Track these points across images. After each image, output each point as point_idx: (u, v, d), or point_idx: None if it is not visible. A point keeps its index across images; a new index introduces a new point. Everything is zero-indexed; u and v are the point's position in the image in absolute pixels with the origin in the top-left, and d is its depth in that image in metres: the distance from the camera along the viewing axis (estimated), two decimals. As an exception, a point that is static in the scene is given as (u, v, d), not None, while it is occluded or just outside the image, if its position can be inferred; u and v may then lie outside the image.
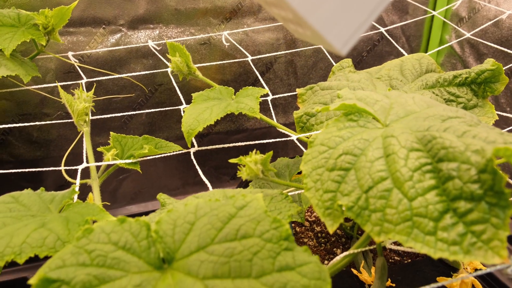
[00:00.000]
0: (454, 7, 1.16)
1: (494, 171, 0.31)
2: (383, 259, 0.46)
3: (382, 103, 0.46)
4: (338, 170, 0.39)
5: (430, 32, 1.28)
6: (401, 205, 0.34)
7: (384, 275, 0.46)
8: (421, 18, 1.26)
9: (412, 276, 0.77)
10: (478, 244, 0.31)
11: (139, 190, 1.23)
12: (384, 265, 0.46)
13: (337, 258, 0.45)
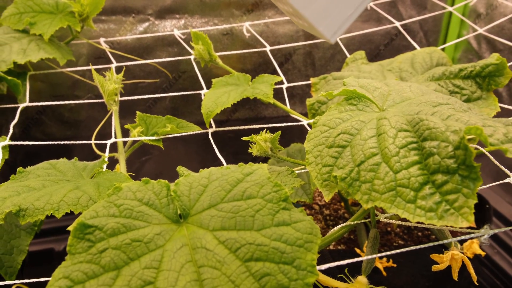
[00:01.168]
0: (471, 3, 1.18)
1: (466, 147, 0.36)
2: (376, 231, 0.51)
3: (381, 90, 0.50)
4: (336, 147, 0.44)
5: (448, 28, 1.30)
6: (387, 177, 0.39)
7: (376, 244, 0.50)
8: (439, 14, 1.29)
9: (414, 258, 0.81)
10: (451, 211, 0.36)
11: (160, 171, 1.30)
12: (376, 236, 0.51)
13: (335, 228, 0.51)
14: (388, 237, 0.88)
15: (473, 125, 0.39)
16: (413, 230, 0.90)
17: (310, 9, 0.31)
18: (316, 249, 0.35)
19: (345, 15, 0.32)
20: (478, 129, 0.35)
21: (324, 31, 0.31)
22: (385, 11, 1.25)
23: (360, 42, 1.28)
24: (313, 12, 0.31)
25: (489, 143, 0.35)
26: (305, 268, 0.33)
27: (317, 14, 0.31)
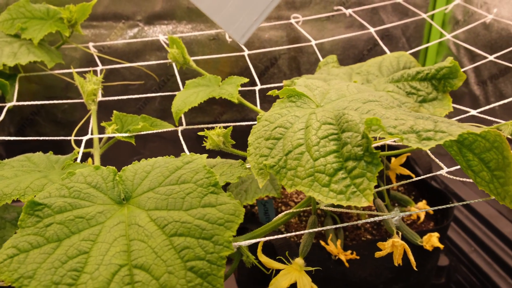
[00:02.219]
0: (449, 10, 1.22)
1: (367, 136, 0.40)
2: (315, 217, 0.55)
3: (322, 89, 0.55)
4: (272, 139, 0.49)
5: (430, 33, 1.34)
6: (307, 164, 0.43)
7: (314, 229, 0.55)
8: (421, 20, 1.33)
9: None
10: (357, 193, 0.40)
11: (151, 171, 1.35)
12: (314, 222, 0.55)
13: (279, 215, 0.55)
14: (358, 232, 0.92)
15: (387, 118, 0.43)
16: (382, 226, 0.94)
17: (219, 15, 0.36)
18: (235, 228, 0.40)
19: (251, 20, 0.37)
20: (377, 120, 0.39)
21: (233, 34, 0.36)
22: (367, 18, 1.30)
23: (344, 47, 1.33)
24: (222, 18, 0.36)
25: (388, 132, 0.40)
26: (222, 243, 0.38)
27: (226, 19, 0.36)
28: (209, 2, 0.34)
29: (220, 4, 0.34)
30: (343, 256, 0.78)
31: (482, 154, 0.43)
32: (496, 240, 1.20)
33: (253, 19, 0.36)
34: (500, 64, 1.15)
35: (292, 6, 1.23)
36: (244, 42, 0.36)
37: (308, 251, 0.55)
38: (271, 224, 0.55)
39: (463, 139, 0.43)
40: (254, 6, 0.35)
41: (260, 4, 0.35)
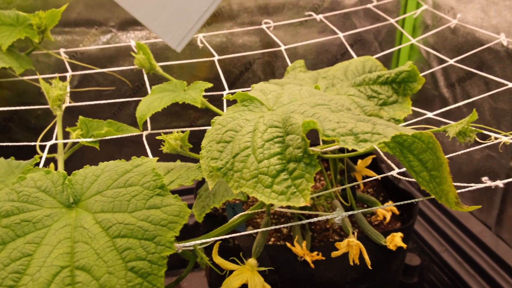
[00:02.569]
0: (414, 16, 1.25)
1: (303, 138, 0.41)
2: (268, 218, 0.57)
3: (275, 93, 0.56)
4: (223, 142, 0.50)
5: (401, 38, 1.37)
6: (252, 166, 0.45)
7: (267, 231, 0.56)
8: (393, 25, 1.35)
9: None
10: (296, 193, 0.41)
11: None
12: (267, 223, 0.56)
13: (235, 217, 0.56)
14: (326, 234, 0.93)
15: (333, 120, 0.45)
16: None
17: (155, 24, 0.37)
18: (178, 229, 0.41)
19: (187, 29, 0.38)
20: (314, 123, 0.41)
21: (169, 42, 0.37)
22: (340, 23, 1.32)
23: (317, 52, 1.35)
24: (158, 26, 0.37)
25: (325, 134, 0.41)
26: (164, 244, 0.39)
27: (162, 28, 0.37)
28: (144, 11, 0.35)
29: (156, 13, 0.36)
30: (308, 257, 0.79)
31: (420, 155, 0.44)
32: (466, 239, 1.23)
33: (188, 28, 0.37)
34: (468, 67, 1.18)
35: (265, 12, 1.25)
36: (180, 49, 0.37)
37: (260, 252, 0.56)
38: (226, 226, 0.56)
39: (403, 140, 0.45)
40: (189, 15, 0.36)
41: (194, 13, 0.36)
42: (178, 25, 0.36)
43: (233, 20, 1.24)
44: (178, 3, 0.35)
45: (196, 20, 0.37)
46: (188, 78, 1.28)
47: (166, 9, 0.36)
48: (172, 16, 0.36)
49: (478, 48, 1.04)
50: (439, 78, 1.28)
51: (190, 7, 0.36)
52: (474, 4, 1.11)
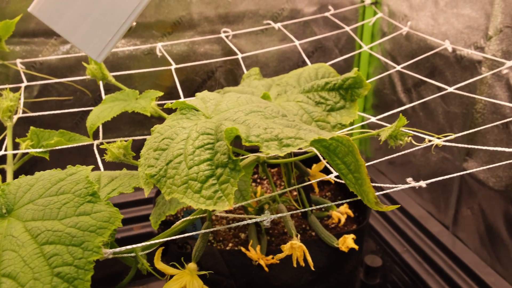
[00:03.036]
0: (370, 24, 1.29)
1: (227, 144, 0.43)
2: (208, 223, 0.58)
3: (215, 101, 0.58)
4: (159, 150, 0.51)
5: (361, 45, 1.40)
6: (183, 172, 0.46)
7: (206, 235, 0.57)
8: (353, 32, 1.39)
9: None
10: (222, 197, 0.43)
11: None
12: (208, 227, 0.57)
13: (177, 222, 0.57)
14: (283, 237, 0.95)
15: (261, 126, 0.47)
16: (308, 231, 0.97)
17: (75, 36, 0.38)
18: (107, 234, 0.42)
19: (106, 40, 0.39)
20: (236, 129, 0.42)
21: (89, 53, 0.38)
22: (300, 31, 1.35)
23: (279, 60, 1.37)
24: (78, 39, 0.39)
25: (248, 140, 0.43)
26: (91, 249, 0.40)
27: (82, 40, 0.39)
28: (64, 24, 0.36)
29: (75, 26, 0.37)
30: (262, 261, 0.80)
31: (344, 158, 0.46)
32: (425, 239, 1.26)
33: (107, 39, 0.38)
34: (421, 73, 1.22)
35: (226, 21, 1.27)
36: (101, 60, 0.38)
37: (200, 256, 0.58)
38: (170, 231, 0.57)
39: (328, 144, 0.47)
40: (107, 27, 0.38)
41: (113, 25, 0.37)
42: (97, 37, 0.38)
43: (193, 29, 1.26)
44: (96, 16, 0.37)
45: (115, 31, 0.39)
46: (150, 87, 1.28)
47: (85, 22, 0.37)
48: (91, 28, 0.37)
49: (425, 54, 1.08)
50: (396, 83, 1.32)
51: (108, 19, 0.37)
52: (425, 12, 1.15)
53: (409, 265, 1.22)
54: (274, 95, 0.86)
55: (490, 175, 1.05)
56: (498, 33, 0.96)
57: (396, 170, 1.46)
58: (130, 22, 0.40)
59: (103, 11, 0.38)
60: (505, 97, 0.97)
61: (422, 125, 1.26)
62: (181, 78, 1.32)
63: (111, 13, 0.38)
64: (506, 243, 1.04)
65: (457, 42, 1.06)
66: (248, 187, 0.77)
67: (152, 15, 1.20)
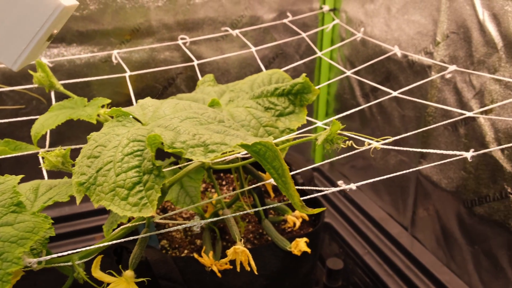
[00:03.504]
0: (327, 30, 1.31)
1: (150, 151, 0.43)
2: (146, 229, 0.58)
3: (153, 108, 0.58)
4: (92, 157, 0.51)
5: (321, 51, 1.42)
6: (111, 180, 0.46)
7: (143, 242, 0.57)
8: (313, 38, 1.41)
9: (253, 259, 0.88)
10: (147, 204, 0.43)
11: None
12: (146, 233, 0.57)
13: (116, 230, 0.57)
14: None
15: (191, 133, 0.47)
16: (264, 235, 0.98)
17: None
18: (29, 244, 0.41)
19: (20, 49, 0.39)
20: (158, 136, 0.43)
21: (4, 62, 0.39)
22: (260, 37, 1.36)
23: (240, 66, 1.38)
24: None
25: (172, 146, 0.43)
26: (10, 260, 0.40)
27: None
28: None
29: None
30: (215, 267, 0.80)
31: (273, 163, 0.47)
32: (385, 241, 1.28)
33: (22, 48, 0.38)
34: (378, 78, 1.24)
35: (185, 28, 1.27)
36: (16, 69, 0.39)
37: (137, 263, 0.57)
38: (108, 239, 0.56)
39: (258, 149, 0.48)
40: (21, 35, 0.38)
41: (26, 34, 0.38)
42: (11, 45, 0.38)
43: (152, 36, 1.26)
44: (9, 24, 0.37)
45: (29, 40, 0.39)
46: (110, 95, 1.28)
47: (-2, 32, 0.37)
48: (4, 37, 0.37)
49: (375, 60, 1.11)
50: (355, 88, 1.35)
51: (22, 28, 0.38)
52: (379, 19, 1.18)
53: (370, 267, 1.24)
54: (226, 101, 0.87)
55: (442, 176, 1.08)
56: (445, 39, 0.99)
57: (358, 173, 1.49)
58: (45, 31, 0.40)
59: (16, 19, 0.38)
60: (454, 100, 1.00)
61: (380, 129, 1.29)
62: (142, 85, 1.31)
63: (24, 21, 0.38)
64: (459, 242, 1.07)
65: (409, 47, 1.09)
66: (198, 193, 0.77)
67: (109, 22, 1.20)
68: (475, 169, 0.97)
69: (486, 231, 0.97)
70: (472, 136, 0.96)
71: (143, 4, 1.21)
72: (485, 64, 0.90)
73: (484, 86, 0.91)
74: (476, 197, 0.98)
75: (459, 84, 0.97)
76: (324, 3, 1.36)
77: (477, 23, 0.90)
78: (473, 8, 0.90)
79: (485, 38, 0.89)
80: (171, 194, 0.79)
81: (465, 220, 1.03)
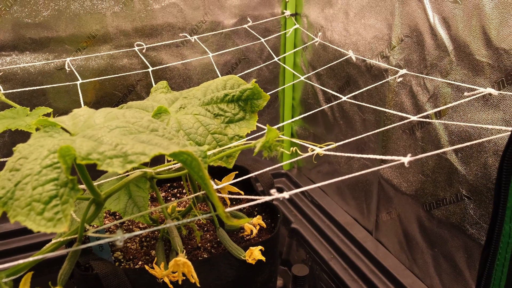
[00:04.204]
0: (287, 35, 1.30)
1: (62, 163, 0.41)
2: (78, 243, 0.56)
3: (85, 117, 0.56)
4: (14, 170, 0.48)
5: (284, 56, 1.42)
6: (28, 193, 0.44)
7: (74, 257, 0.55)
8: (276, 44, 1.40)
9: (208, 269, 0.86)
10: (62, 219, 0.41)
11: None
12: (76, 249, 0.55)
13: (47, 245, 0.54)
14: (196, 252, 0.93)
15: (113, 143, 0.45)
16: (221, 245, 0.96)
17: None
18: None
19: None
20: (71, 148, 0.41)
21: None
22: (222, 43, 1.35)
23: (202, 72, 1.37)
24: None
25: (87, 158, 0.41)
26: None
27: None
28: None
29: None
30: (167, 278, 0.78)
31: (199, 172, 0.46)
32: (351, 246, 1.27)
33: None
34: (339, 82, 1.24)
35: (143, 34, 1.25)
36: None
37: (66, 280, 0.55)
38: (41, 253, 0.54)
39: (184, 159, 0.46)
40: None
41: None
42: None
43: (110, 43, 1.23)
44: None
45: None
46: (67, 103, 1.25)
47: None
48: None
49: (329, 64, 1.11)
50: (318, 93, 1.34)
51: None
52: (337, 23, 1.18)
53: (336, 272, 1.23)
54: (176, 108, 0.85)
55: (402, 180, 1.08)
56: (400, 43, 0.99)
57: (324, 178, 1.48)
58: None
59: None
60: (410, 103, 1.00)
61: (343, 133, 1.28)
62: (101, 93, 1.29)
63: None
64: (420, 245, 1.06)
65: (366, 51, 1.09)
66: (146, 203, 0.75)
67: (64, 29, 1.17)
68: (432, 172, 0.97)
69: (444, 234, 0.97)
70: (428, 140, 0.96)
71: (99, 10, 1.18)
72: (437, 67, 0.90)
73: (437, 89, 0.91)
74: (434, 200, 0.98)
75: (415, 88, 0.97)
76: (286, 8, 1.35)
77: (428, 26, 0.90)
78: (424, 12, 0.91)
79: (436, 41, 0.89)
80: (119, 204, 0.77)
81: (425, 223, 1.03)
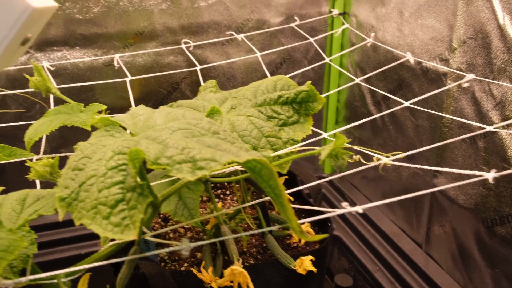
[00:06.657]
0: (336, 34, 1.26)
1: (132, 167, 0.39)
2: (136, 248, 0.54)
3: (143, 117, 0.54)
4: (76, 170, 0.47)
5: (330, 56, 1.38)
6: (93, 196, 0.42)
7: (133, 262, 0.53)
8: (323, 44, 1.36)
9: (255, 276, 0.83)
10: (130, 225, 0.39)
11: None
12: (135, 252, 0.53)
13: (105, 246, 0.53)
14: (242, 257, 0.91)
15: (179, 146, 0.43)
16: (268, 250, 0.93)
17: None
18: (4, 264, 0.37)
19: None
20: (140, 151, 0.38)
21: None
22: (267, 42, 1.32)
23: (247, 71, 1.34)
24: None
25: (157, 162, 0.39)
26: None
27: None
28: None
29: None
30: (214, 283, 0.76)
31: (269, 181, 0.43)
32: (398, 258, 1.22)
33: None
34: (390, 85, 1.19)
35: (189, 32, 1.24)
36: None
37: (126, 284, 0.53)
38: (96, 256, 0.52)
39: (253, 166, 0.43)
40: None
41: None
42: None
43: (156, 40, 1.22)
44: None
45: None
46: (113, 99, 1.25)
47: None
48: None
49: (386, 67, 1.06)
50: (366, 96, 1.30)
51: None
52: (391, 23, 1.13)
53: (381, 285, 1.18)
54: (227, 109, 0.82)
55: (459, 192, 1.02)
56: (462, 45, 0.93)
57: (369, 185, 1.43)
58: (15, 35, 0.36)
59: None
60: (471, 110, 0.94)
61: (393, 139, 1.23)
62: (146, 90, 1.28)
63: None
64: (478, 263, 1.00)
65: (423, 53, 1.04)
66: (197, 205, 0.73)
67: (112, 25, 1.17)
68: (496, 186, 0.91)
69: (508, 254, 0.90)
70: (492, 150, 0.90)
71: (147, 7, 1.17)
72: (506, 73, 0.84)
73: (506, 96, 0.85)
74: (497, 216, 0.92)
75: (478, 94, 0.92)
76: (334, 7, 1.31)
77: (497, 28, 0.85)
78: (492, 12, 0.85)
79: (506, 44, 0.83)
80: (169, 206, 0.75)
81: (485, 240, 0.96)
